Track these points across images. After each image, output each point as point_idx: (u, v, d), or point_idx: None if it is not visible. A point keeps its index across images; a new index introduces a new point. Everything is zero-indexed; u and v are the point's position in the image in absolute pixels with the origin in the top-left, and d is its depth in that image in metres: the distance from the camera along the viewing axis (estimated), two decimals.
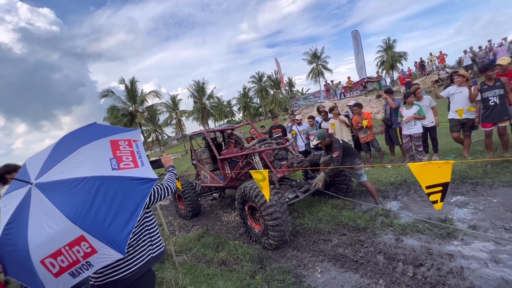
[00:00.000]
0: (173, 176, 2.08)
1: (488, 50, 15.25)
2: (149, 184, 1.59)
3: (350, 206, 4.17)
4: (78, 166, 1.50)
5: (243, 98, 48.83)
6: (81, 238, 1.34)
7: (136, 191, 1.53)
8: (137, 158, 1.71)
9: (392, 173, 5.11)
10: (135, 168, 1.62)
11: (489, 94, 4.36)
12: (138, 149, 1.79)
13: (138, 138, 1.90)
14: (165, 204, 8.07)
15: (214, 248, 4.01)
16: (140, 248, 1.69)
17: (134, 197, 1.51)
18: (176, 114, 35.92)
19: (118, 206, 1.44)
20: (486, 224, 2.90)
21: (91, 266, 1.39)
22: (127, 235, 1.42)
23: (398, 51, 38.94)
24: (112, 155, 1.61)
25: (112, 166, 1.55)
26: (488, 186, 3.74)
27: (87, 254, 1.36)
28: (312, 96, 21.82)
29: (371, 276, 2.57)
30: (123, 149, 1.70)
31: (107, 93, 26.44)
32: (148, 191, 1.57)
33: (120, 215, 1.43)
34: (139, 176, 1.58)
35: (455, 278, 2.26)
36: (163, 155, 2.44)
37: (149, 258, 1.72)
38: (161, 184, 1.92)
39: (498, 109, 4.32)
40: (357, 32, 17.69)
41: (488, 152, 4.67)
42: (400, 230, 3.17)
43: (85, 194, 1.40)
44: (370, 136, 5.75)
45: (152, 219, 1.84)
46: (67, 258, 1.34)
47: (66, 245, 1.33)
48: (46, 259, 1.32)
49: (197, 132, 6.14)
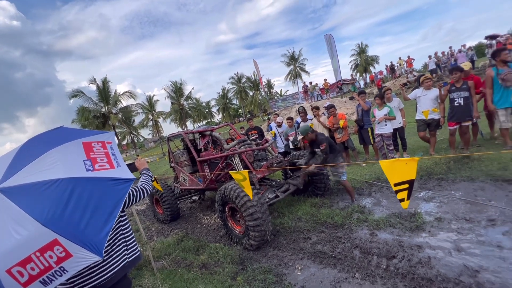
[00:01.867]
0: (148, 178, 2.03)
1: (450, 55, 16.55)
2: (126, 184, 1.55)
3: (328, 204, 4.31)
4: (49, 169, 1.41)
5: (222, 99, 48.47)
6: (55, 242, 1.26)
7: (113, 192, 1.49)
8: (113, 159, 1.66)
9: (367, 171, 5.36)
10: (111, 169, 1.58)
11: (455, 96, 4.73)
12: (113, 151, 1.73)
13: (112, 140, 1.84)
14: (142, 209, 7.78)
15: (194, 251, 3.94)
16: (115, 253, 1.63)
17: (111, 198, 1.46)
18: (153, 116, 34.78)
19: (94, 208, 1.39)
20: (450, 216, 3.14)
21: (65, 272, 1.31)
22: (104, 236, 1.37)
23: (370, 55, 40.97)
24: (85, 157, 1.55)
25: (87, 167, 1.49)
26: (451, 181, 4.05)
27: (61, 259, 1.28)
28: (291, 97, 22.23)
29: (348, 270, 2.67)
30: (97, 151, 1.64)
31: (77, 93, 24.93)
32: (125, 192, 1.53)
33: (97, 216, 1.38)
34: (115, 177, 1.54)
35: (424, 267, 2.42)
36: (137, 158, 2.37)
37: (125, 263, 1.66)
38: (136, 186, 1.86)
39: (462, 109, 4.69)
40: (330, 35, 18.32)
41: (451, 150, 5.06)
42: (374, 225, 3.33)
43: (58, 196, 1.33)
44: (345, 136, 5.98)
45: (127, 223, 1.78)
46: (37, 265, 1.25)
47: (37, 250, 1.24)
48: (14, 268, 1.22)
49: (175, 133, 6.00)
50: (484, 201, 3.26)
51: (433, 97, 4.97)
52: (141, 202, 8.53)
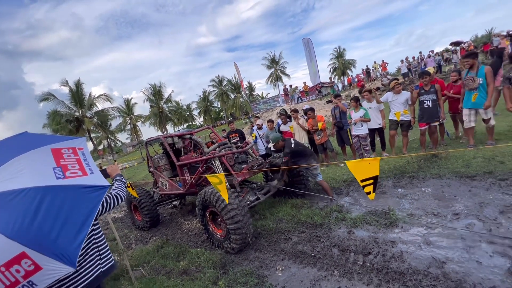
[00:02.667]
0: (121, 184, 1.97)
1: (420, 60, 17.59)
2: (100, 191, 1.51)
3: (308, 205, 4.40)
4: (14, 178, 1.33)
5: (203, 102, 47.97)
6: (22, 255, 1.19)
7: (86, 200, 1.44)
8: (85, 166, 1.60)
9: (345, 171, 5.54)
10: (84, 176, 1.52)
11: (424, 98, 5.05)
12: (85, 157, 1.67)
13: (84, 146, 1.77)
14: (120, 216, 7.48)
15: (175, 258, 3.86)
16: (88, 263, 1.57)
17: (84, 206, 1.41)
18: (131, 119, 33.66)
19: (66, 217, 1.33)
20: (420, 212, 3.33)
21: (34, 286, 1.24)
22: (77, 246, 1.32)
23: (348, 59, 42.49)
24: (55, 164, 1.48)
25: (57, 175, 1.42)
26: (421, 178, 4.30)
27: (29, 272, 1.21)
28: (272, 100, 22.49)
29: (327, 268, 2.74)
30: (67, 157, 1.57)
31: (48, 96, 23.59)
32: (99, 199, 1.48)
33: (69, 225, 1.33)
34: (88, 184, 1.49)
35: (397, 261, 2.55)
36: (110, 165, 2.30)
37: (98, 273, 1.60)
38: (109, 193, 1.80)
39: (431, 111, 5.01)
40: (308, 39, 18.80)
41: (422, 149, 5.38)
42: (352, 223, 3.45)
43: (25, 206, 1.25)
44: (324, 137, 6.15)
45: (99, 231, 1.72)
46: (2, 281, 1.17)
47: (2, 265, 1.17)
48: None
49: (154, 138, 5.85)
50: (450, 197, 3.50)
51: (403, 100, 5.27)
52: (119, 209, 8.19)
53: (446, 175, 4.11)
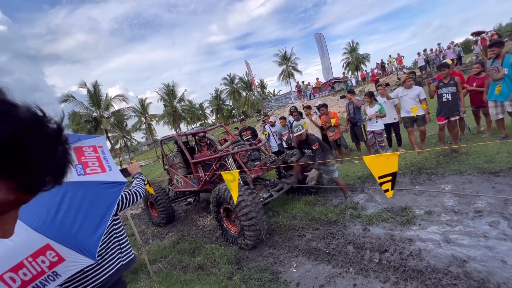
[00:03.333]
0: (141, 182, 2.05)
1: (438, 52, 16.89)
2: (118, 187, 1.58)
3: (322, 202, 4.36)
4: None
5: (215, 101, 48.35)
6: (47, 247, 1.27)
7: (105, 195, 1.51)
8: (104, 163, 1.68)
9: (359, 168, 5.44)
10: (103, 173, 1.60)
11: (443, 91, 4.84)
12: (105, 155, 1.75)
13: (104, 144, 1.85)
14: (137, 213, 7.73)
15: (190, 253, 3.95)
16: (110, 256, 1.64)
17: (103, 201, 1.48)
18: (146, 119, 34.50)
19: (86, 211, 1.40)
20: (439, 209, 3.22)
21: (57, 276, 1.32)
22: (97, 240, 1.39)
23: (361, 53, 41.44)
24: (76, 161, 1.55)
25: (78, 171, 1.50)
26: (441, 175, 4.15)
27: (53, 263, 1.29)
28: (283, 97, 22.34)
29: (342, 265, 2.72)
30: (88, 155, 1.65)
31: (67, 98, 24.60)
32: (117, 195, 1.55)
33: (89, 220, 1.40)
34: (107, 180, 1.56)
35: (415, 259, 2.48)
36: (131, 163, 2.39)
37: (119, 266, 1.67)
38: (129, 190, 1.88)
39: (450, 105, 4.80)
40: (320, 35, 18.47)
41: (441, 144, 5.17)
42: (367, 220, 3.39)
43: (49, 201, 1.34)
44: (338, 134, 6.06)
45: (120, 226, 1.79)
46: (30, 271, 1.25)
47: (29, 256, 1.25)
48: (6, 274, 1.22)
49: (168, 136, 5.98)
50: (471, 193, 3.36)
51: (414, 95, 5.07)
52: (136, 206, 8.46)
53: (467, 171, 3.95)
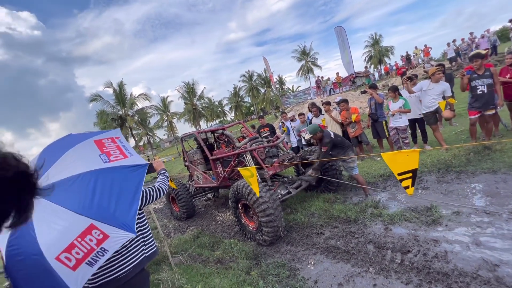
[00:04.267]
0: (165, 178, 2.13)
1: (471, 42, 15.71)
2: (142, 169, 1.73)
3: (341, 200, 4.28)
4: (70, 167, 1.57)
5: (234, 98, 48.68)
6: (91, 226, 1.42)
7: (132, 177, 1.67)
8: (124, 150, 1.83)
9: (381, 165, 5.25)
10: (125, 158, 1.75)
11: (477, 83, 4.48)
12: (123, 144, 1.91)
13: (119, 135, 2.01)
14: (160, 207, 8.05)
15: (210, 247, 4.05)
16: (134, 248, 1.73)
17: (131, 182, 1.64)
18: (167, 116, 35.58)
19: (118, 193, 1.56)
20: (469, 209, 3.04)
21: (106, 252, 1.46)
22: (133, 215, 1.54)
23: (385, 46, 39.58)
24: (100, 152, 1.72)
25: (103, 160, 1.66)
26: (471, 173, 3.90)
27: (100, 240, 1.44)
28: (302, 93, 22.00)
29: (361, 265, 2.66)
30: (108, 146, 1.81)
31: (95, 97, 25.95)
32: (143, 175, 1.70)
33: (122, 199, 1.55)
34: (130, 164, 1.72)
35: (440, 262, 2.37)
36: (154, 159, 2.49)
37: (143, 257, 1.77)
38: (153, 186, 1.96)
39: (486, 98, 4.45)
40: (341, 28, 17.83)
41: (472, 140, 4.83)
42: (389, 219, 3.28)
43: (84, 188, 1.49)
44: (359, 130, 5.88)
45: (143, 220, 1.88)
46: (81, 249, 1.40)
47: (78, 236, 1.39)
48: (61, 254, 1.36)
49: (188, 133, 6.15)
50: (506, 194, 3.13)
51: (440, 91, 4.75)
52: (159, 200, 8.81)
53: (501, 170, 3.67)
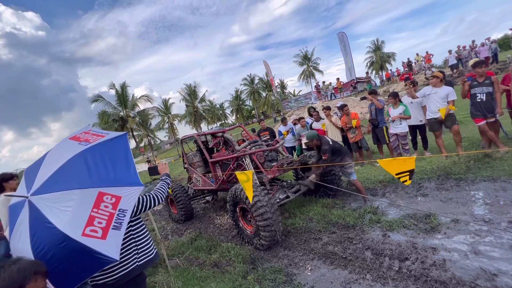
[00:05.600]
0: (164, 186, 2.09)
1: (471, 49, 15.78)
2: (123, 137, 1.84)
3: (339, 205, 4.26)
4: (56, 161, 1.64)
5: (235, 101, 48.86)
6: (100, 194, 1.49)
7: (117, 146, 1.77)
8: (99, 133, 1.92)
9: (381, 171, 5.23)
10: (103, 137, 1.83)
11: (477, 91, 4.48)
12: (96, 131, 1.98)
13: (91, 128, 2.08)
14: (158, 209, 8.02)
15: (207, 250, 4.03)
16: (124, 256, 1.70)
17: (118, 150, 1.74)
18: (169, 118, 35.70)
19: (111, 161, 1.64)
20: (468, 217, 3.02)
21: (125, 212, 1.53)
22: (134, 172, 1.66)
23: (386, 52, 39.80)
24: (78, 142, 1.81)
25: (84, 145, 1.74)
26: (470, 181, 3.88)
27: (115, 204, 1.51)
28: (303, 97, 22.05)
29: (359, 271, 2.64)
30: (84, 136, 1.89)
31: (97, 98, 26.06)
32: (126, 142, 1.81)
33: (118, 164, 1.65)
34: (110, 137, 1.81)
35: (438, 270, 2.35)
36: (155, 161, 2.49)
37: (135, 266, 1.73)
38: (149, 194, 1.94)
39: (484, 106, 4.45)
40: (343, 34, 17.96)
41: (488, 147, 4.66)
42: (387, 226, 3.26)
43: (78, 168, 1.56)
44: (359, 135, 5.88)
45: (139, 227, 1.84)
46: (102, 218, 1.45)
47: (93, 207, 1.45)
48: (86, 229, 1.39)
49: (188, 136, 6.15)
50: (505, 202, 3.11)
51: (443, 95, 4.73)
52: None
53: (501, 178, 3.66)
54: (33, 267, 1.00)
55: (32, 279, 0.97)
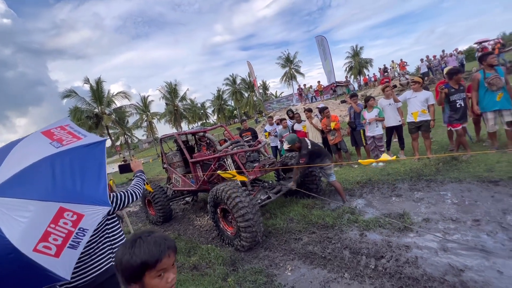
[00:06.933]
0: (140, 182, 2.02)
1: (441, 59, 16.88)
2: (100, 145, 1.68)
3: (319, 205, 4.34)
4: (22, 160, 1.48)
5: (217, 100, 48.35)
6: (61, 210, 1.35)
7: (92, 155, 1.61)
8: (77, 134, 1.75)
9: (358, 172, 5.42)
10: (79, 140, 1.68)
11: (456, 97, 4.74)
12: (74, 129, 1.82)
13: (68, 122, 1.92)
14: (135, 211, 7.72)
15: (186, 253, 3.93)
16: (98, 256, 1.63)
17: (92, 160, 1.58)
18: (147, 117, 34.53)
19: (81, 172, 1.49)
20: (437, 216, 3.20)
21: (85, 231, 1.40)
22: (103, 190, 1.50)
23: (364, 58, 41.40)
24: (50, 140, 1.64)
25: (55, 146, 1.58)
26: (440, 182, 4.13)
27: (75, 221, 1.37)
28: (285, 99, 22.34)
29: (337, 270, 2.70)
30: (58, 133, 1.72)
31: (70, 93, 24.55)
32: (103, 151, 1.65)
33: (88, 177, 1.50)
34: (87, 143, 1.65)
35: (411, 267, 2.46)
36: (132, 159, 2.36)
37: (109, 266, 1.66)
38: (125, 190, 1.86)
39: (463, 111, 4.74)
40: (323, 37, 18.41)
41: (467, 150, 4.78)
42: (364, 226, 3.37)
43: (42, 175, 1.41)
44: (338, 138, 6.05)
45: (114, 226, 1.77)
46: (58, 235, 1.32)
47: (51, 223, 1.32)
48: (38, 245, 1.27)
49: (168, 135, 5.98)
50: (470, 202, 3.34)
51: (423, 99, 5.02)
52: (134, 203, 8.45)
53: (466, 179, 3.93)
54: (166, 242, 0.90)
55: (166, 253, 0.87)
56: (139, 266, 0.83)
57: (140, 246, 0.86)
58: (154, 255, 0.85)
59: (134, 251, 0.85)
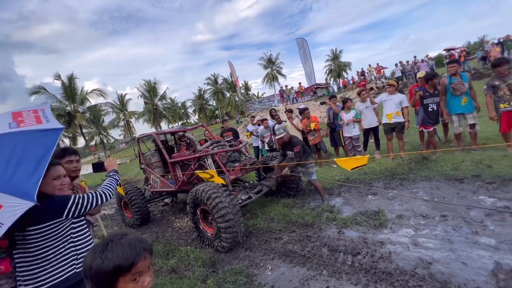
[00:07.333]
0: (113, 182, 1.90)
1: (413, 64, 17.87)
2: (55, 133, 1.58)
3: (299, 204, 4.41)
4: None
5: (198, 100, 47.66)
6: None
7: (41, 142, 1.50)
8: (42, 118, 1.67)
9: (337, 172, 5.57)
10: (38, 124, 1.59)
11: (429, 101, 5.01)
12: (45, 114, 1.72)
13: (46, 107, 1.82)
14: (110, 213, 7.38)
15: (164, 256, 3.82)
16: (59, 262, 1.52)
17: (38, 147, 1.47)
18: (125, 116, 33.25)
19: (19, 158, 1.38)
20: (409, 213, 3.37)
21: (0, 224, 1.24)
22: (35, 182, 1.33)
23: (343, 61, 42.77)
24: (11, 120, 1.56)
25: (10, 126, 1.51)
26: (412, 180, 4.35)
27: None
28: (267, 100, 22.52)
29: (316, 268, 2.75)
30: (26, 116, 1.64)
31: (39, 89, 23.03)
32: (54, 140, 1.54)
33: (24, 165, 1.37)
34: (42, 128, 1.56)
35: (385, 262, 2.57)
36: (107, 158, 2.24)
37: (72, 273, 1.55)
38: (94, 191, 1.74)
39: (435, 114, 5.01)
40: (303, 40, 18.80)
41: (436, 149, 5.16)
42: (342, 223, 3.47)
43: None
44: (318, 138, 6.19)
45: (81, 230, 1.66)
46: None
47: None
48: None
49: (146, 134, 5.79)
50: (439, 199, 3.55)
51: (397, 101, 5.29)
52: (109, 206, 8.08)
53: (435, 178, 4.17)
54: (141, 243, 0.84)
55: (142, 256, 0.82)
56: (111, 271, 0.79)
57: (113, 249, 0.81)
58: (129, 258, 0.81)
59: (106, 255, 0.80)
